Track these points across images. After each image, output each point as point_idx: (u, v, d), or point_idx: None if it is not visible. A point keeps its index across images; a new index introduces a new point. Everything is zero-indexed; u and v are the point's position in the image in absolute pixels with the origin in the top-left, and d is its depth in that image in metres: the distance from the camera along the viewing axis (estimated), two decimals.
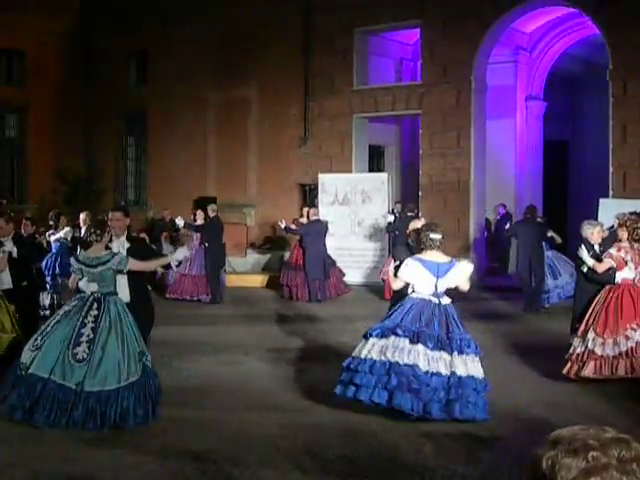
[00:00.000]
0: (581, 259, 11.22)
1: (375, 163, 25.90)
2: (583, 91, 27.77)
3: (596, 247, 11.35)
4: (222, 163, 26.12)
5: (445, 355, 8.63)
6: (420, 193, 22.83)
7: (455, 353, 8.64)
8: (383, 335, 8.76)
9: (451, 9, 21.89)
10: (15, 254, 10.88)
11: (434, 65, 22.28)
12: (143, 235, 18.16)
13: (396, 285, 9.30)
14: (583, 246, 11.23)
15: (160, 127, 27.32)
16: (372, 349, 8.75)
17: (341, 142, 23.90)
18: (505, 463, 7.40)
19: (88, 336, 8.56)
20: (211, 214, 19.73)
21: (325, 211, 21.78)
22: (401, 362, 8.52)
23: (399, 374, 8.49)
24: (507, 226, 20.04)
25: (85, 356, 8.47)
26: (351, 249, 21.01)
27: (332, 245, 20.22)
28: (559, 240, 17.68)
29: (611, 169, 20.14)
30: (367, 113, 23.74)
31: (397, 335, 8.66)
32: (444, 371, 8.56)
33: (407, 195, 25.00)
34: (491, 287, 20.54)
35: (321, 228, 19.63)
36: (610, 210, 16.97)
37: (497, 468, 7.33)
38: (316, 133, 24.30)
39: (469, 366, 8.67)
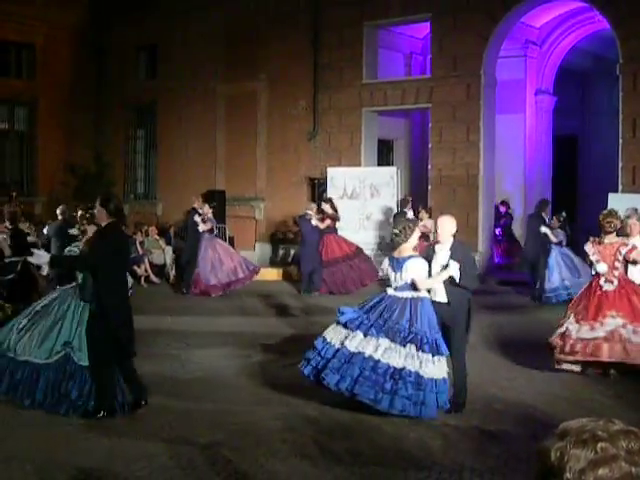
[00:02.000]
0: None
1: (384, 157, 25.84)
2: (593, 85, 27.72)
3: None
4: (231, 156, 26.12)
5: (396, 346, 8.67)
6: (429, 187, 22.80)
7: (410, 346, 8.64)
8: (346, 325, 8.96)
9: (461, 3, 21.82)
10: None
11: (443, 59, 22.23)
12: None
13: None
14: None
15: (169, 120, 27.33)
16: (334, 336, 9.02)
17: (350, 136, 23.87)
18: (514, 456, 7.41)
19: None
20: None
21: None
22: (354, 350, 8.74)
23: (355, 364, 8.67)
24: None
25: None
26: (359, 243, 20.95)
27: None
28: (553, 239, 17.60)
29: (620, 163, 20.10)
30: (376, 107, 23.70)
31: (351, 329, 8.88)
32: (394, 363, 8.60)
33: (416, 189, 24.97)
34: (505, 282, 20.58)
35: (305, 222, 19.51)
36: (620, 205, 16.97)
37: (506, 461, 7.34)
38: (325, 127, 24.27)
39: (419, 363, 8.58)
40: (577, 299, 11.00)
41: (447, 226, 9.32)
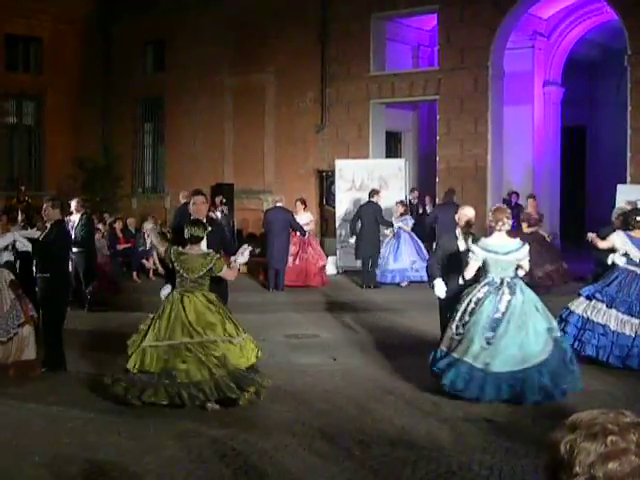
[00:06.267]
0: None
1: (392, 149, 25.83)
2: (601, 76, 27.65)
3: None
4: (239, 149, 26.13)
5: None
6: (437, 179, 22.79)
7: None
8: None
9: None
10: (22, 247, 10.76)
11: (451, 51, 22.20)
12: None
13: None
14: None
15: (177, 113, 27.34)
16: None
17: (358, 128, 23.86)
18: (523, 448, 7.40)
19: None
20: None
21: (342, 197, 21.78)
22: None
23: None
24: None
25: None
26: None
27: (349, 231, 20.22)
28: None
29: (629, 154, 20.05)
30: (384, 99, 23.68)
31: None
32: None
33: (424, 181, 24.96)
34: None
35: (280, 215, 18.84)
36: (628, 196, 16.95)
37: (515, 453, 7.33)
38: (333, 119, 24.27)
39: None
40: None
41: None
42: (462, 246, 10.02)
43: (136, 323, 13.75)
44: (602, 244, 11.01)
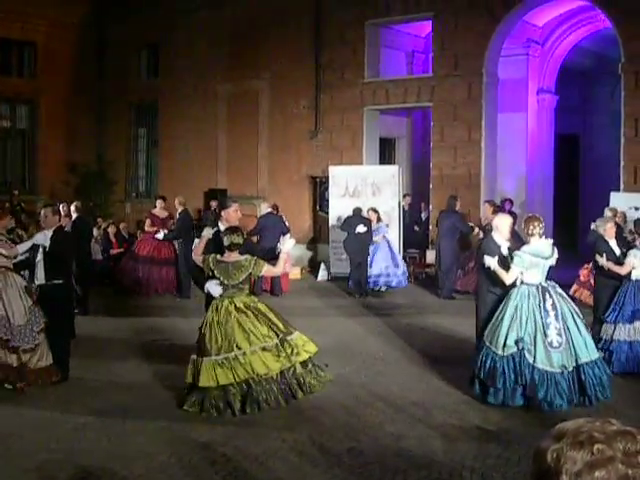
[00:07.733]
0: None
1: (386, 155, 25.83)
2: (595, 84, 27.67)
3: (612, 243, 11.49)
4: (233, 155, 26.10)
5: None
6: (430, 186, 22.80)
7: None
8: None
9: (462, 1, 21.78)
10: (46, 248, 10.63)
11: (445, 58, 22.21)
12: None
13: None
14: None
15: (171, 119, 27.32)
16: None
17: (352, 134, 23.86)
18: (514, 455, 7.39)
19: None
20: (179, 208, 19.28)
21: (335, 203, 21.77)
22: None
23: None
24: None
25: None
26: None
27: (342, 237, 20.23)
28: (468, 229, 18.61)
29: (622, 163, 20.08)
30: (378, 105, 23.68)
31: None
32: None
33: (418, 188, 24.95)
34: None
35: (272, 221, 19.07)
36: (621, 204, 16.98)
37: (506, 460, 7.32)
38: (327, 125, 24.25)
39: None
40: None
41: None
42: (505, 251, 9.99)
43: (129, 328, 13.73)
44: (623, 270, 11.08)
